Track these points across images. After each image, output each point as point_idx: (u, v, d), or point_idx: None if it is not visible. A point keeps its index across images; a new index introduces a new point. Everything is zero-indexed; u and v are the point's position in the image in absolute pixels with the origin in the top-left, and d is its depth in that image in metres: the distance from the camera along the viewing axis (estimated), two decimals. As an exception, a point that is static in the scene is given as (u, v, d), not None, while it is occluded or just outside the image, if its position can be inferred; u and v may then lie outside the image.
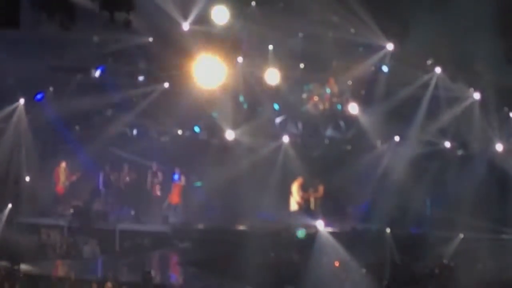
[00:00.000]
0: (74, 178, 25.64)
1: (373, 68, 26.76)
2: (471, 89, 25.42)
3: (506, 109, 25.68)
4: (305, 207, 25.05)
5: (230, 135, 26.16)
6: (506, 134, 25.40)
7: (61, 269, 21.19)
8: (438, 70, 25.49)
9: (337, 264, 21.77)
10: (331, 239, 22.70)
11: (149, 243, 23.63)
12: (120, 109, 26.75)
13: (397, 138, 26.02)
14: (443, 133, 25.76)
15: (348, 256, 21.56)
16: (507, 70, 23.95)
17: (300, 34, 26.60)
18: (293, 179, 25.19)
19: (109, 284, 16.96)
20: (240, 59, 26.09)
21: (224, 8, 24.03)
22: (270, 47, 26.44)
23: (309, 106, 27.26)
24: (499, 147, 25.31)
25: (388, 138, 26.08)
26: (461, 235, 22.81)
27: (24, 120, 25.82)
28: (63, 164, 25.66)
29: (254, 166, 25.40)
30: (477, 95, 25.38)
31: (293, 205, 25.12)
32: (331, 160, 26.04)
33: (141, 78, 26.97)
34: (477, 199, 23.49)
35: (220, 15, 24.07)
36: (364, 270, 21.05)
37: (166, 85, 26.44)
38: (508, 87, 24.49)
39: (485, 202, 23.66)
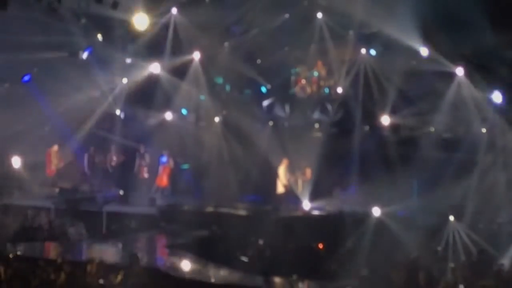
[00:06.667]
0: (67, 161, 25.65)
1: (363, 51, 26.77)
2: (458, 68, 25.40)
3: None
4: (292, 190, 25.12)
5: (216, 117, 26.22)
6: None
7: (47, 251, 21.17)
8: (425, 52, 25.48)
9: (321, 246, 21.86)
10: None
11: (136, 226, 23.63)
12: (107, 91, 26.70)
13: (384, 121, 26.10)
14: (429, 116, 25.82)
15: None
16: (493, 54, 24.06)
17: (286, 15, 26.56)
18: (280, 162, 25.24)
19: (95, 267, 16.89)
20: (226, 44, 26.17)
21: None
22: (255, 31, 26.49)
23: (296, 89, 27.30)
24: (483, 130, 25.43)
25: (374, 121, 26.16)
26: (451, 218, 22.92)
27: (12, 101, 25.75)
28: (56, 147, 25.65)
29: (241, 148, 25.45)
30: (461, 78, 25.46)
31: (280, 188, 25.19)
32: (319, 143, 26.12)
33: (128, 60, 26.87)
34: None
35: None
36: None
37: (155, 67, 26.33)
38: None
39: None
